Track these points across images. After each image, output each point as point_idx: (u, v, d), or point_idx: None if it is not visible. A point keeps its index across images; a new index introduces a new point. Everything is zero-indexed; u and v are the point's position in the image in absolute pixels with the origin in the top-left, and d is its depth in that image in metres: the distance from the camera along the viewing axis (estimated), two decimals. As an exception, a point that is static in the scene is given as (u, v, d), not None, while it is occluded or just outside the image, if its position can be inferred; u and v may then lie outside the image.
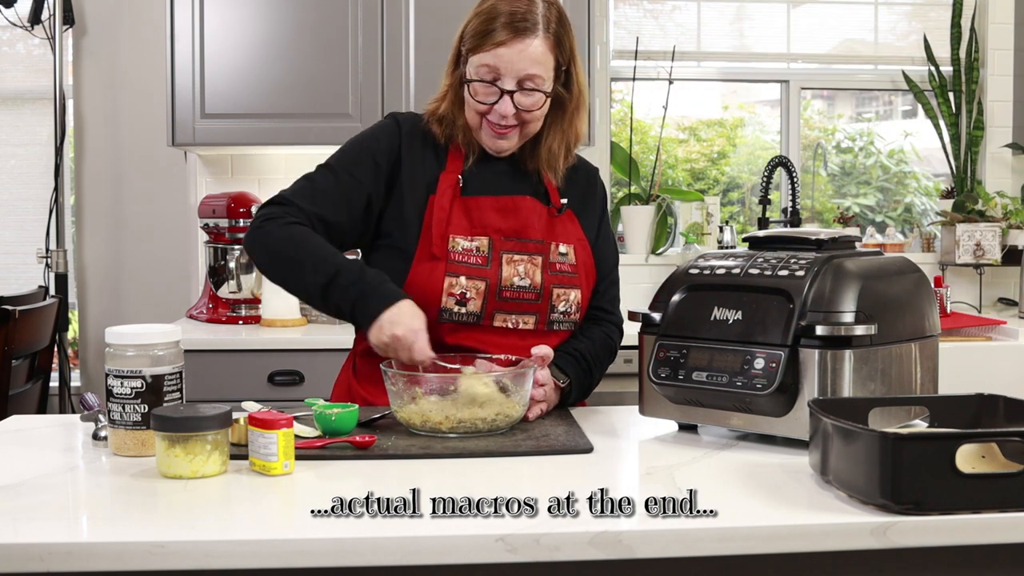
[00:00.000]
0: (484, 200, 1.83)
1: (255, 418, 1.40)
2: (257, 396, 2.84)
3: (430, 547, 1.14)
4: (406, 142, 1.85)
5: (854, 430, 1.24)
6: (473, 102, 1.79)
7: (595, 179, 1.99)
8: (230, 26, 3.23)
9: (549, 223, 1.86)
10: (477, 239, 1.80)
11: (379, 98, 3.25)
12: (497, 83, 1.76)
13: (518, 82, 1.76)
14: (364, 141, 1.86)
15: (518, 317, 1.80)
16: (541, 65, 1.76)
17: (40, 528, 1.18)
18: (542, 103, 1.79)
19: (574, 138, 1.88)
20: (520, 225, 1.83)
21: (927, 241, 3.96)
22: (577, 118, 1.87)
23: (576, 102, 1.85)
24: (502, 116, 1.77)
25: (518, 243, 1.82)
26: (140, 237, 3.80)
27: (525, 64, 1.75)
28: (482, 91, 1.78)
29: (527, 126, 1.81)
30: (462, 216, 1.81)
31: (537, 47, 1.75)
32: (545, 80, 1.78)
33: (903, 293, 1.60)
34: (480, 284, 1.77)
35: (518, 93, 1.77)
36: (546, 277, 1.82)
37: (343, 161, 1.83)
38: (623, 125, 3.89)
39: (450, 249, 1.78)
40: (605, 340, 1.90)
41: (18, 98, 3.88)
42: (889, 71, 4.02)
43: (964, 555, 1.27)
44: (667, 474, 1.41)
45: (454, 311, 1.76)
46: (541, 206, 1.86)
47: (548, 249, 1.84)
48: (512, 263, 1.80)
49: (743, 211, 4.29)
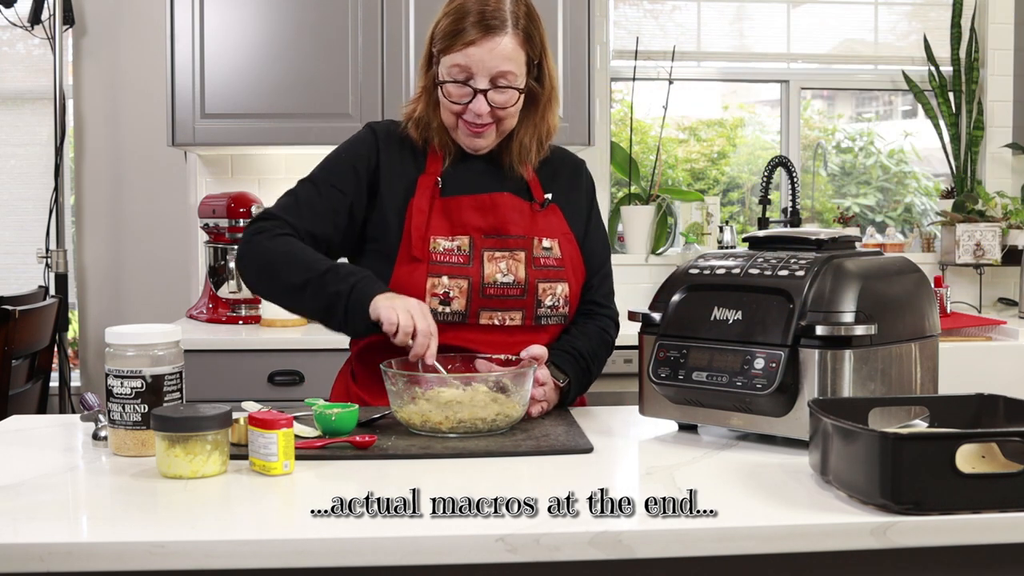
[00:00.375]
0: (463, 200, 1.83)
1: (255, 418, 1.40)
2: (257, 396, 2.84)
3: (430, 547, 1.14)
4: (383, 149, 1.86)
5: (854, 430, 1.24)
6: (448, 103, 1.80)
7: (580, 171, 1.98)
8: (230, 26, 3.23)
9: (531, 218, 1.86)
10: (458, 239, 1.81)
11: (379, 98, 3.25)
12: (470, 83, 1.77)
13: (491, 80, 1.77)
14: (343, 153, 1.88)
15: (504, 314, 1.81)
16: (512, 62, 1.77)
17: (40, 528, 1.18)
18: (516, 99, 1.79)
19: (546, 131, 1.89)
20: (499, 222, 1.83)
21: (927, 241, 3.96)
22: (549, 111, 1.88)
23: (548, 96, 1.87)
24: (477, 115, 1.78)
25: (498, 240, 1.82)
26: (140, 237, 3.80)
27: (497, 62, 1.76)
28: (455, 92, 1.78)
29: (503, 123, 1.82)
30: (442, 217, 1.82)
31: (507, 44, 1.76)
32: (518, 76, 1.78)
33: (903, 293, 1.60)
34: (463, 283, 1.78)
35: (491, 91, 1.77)
36: (530, 272, 1.82)
37: (324, 174, 1.85)
38: (623, 125, 3.89)
39: (431, 250, 1.79)
40: (601, 335, 1.90)
41: (18, 98, 3.88)
42: (889, 71, 4.02)
43: (964, 555, 1.27)
44: (667, 474, 1.41)
45: (439, 311, 1.76)
46: (521, 202, 1.86)
47: (530, 244, 1.84)
48: (494, 260, 1.80)
49: (743, 211, 4.29)
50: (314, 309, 1.74)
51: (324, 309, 1.72)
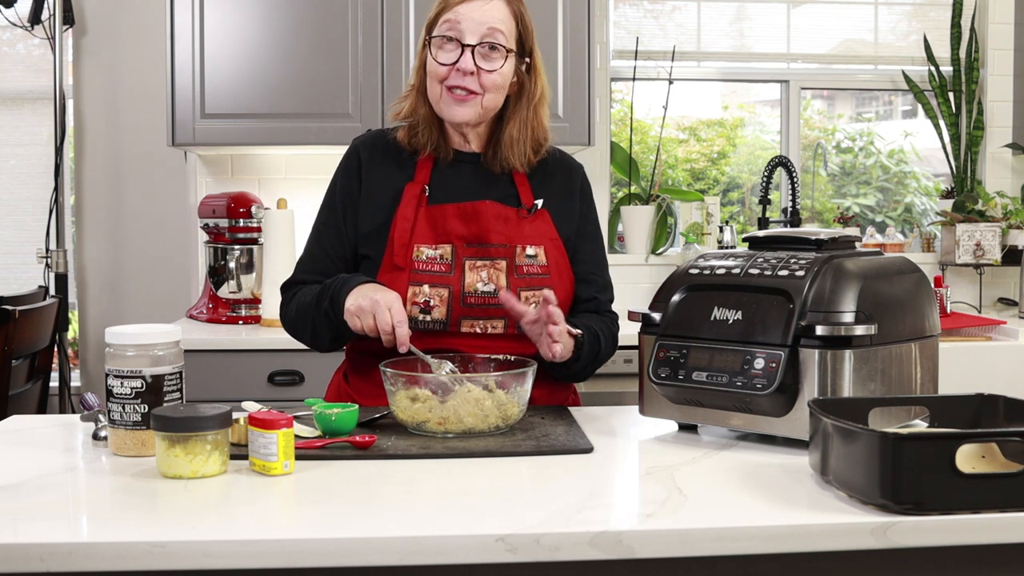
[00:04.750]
0: (448, 208, 1.83)
1: (255, 418, 1.40)
2: (257, 396, 2.84)
3: (430, 547, 1.14)
4: (367, 164, 1.88)
5: (854, 430, 1.24)
6: (435, 65, 1.80)
7: (575, 176, 1.96)
8: (230, 26, 3.23)
9: (516, 225, 1.85)
10: (441, 247, 1.81)
11: (379, 98, 3.25)
12: (458, 39, 1.78)
13: (479, 37, 1.77)
14: (332, 189, 1.92)
15: (486, 322, 1.80)
16: (503, 23, 1.79)
17: (40, 528, 1.18)
18: (502, 63, 1.79)
19: (539, 131, 1.88)
20: (481, 230, 1.82)
21: (927, 241, 3.96)
22: (541, 110, 1.88)
23: (539, 96, 1.87)
24: (463, 74, 1.77)
25: (479, 248, 1.82)
26: (140, 237, 3.80)
27: (486, 18, 1.77)
28: (442, 50, 1.79)
29: (487, 95, 1.80)
30: (426, 225, 1.82)
31: (499, 7, 1.79)
32: (507, 39, 1.79)
33: (903, 293, 1.60)
34: (443, 291, 1.78)
35: (478, 49, 1.77)
36: (512, 281, 1.81)
37: (322, 218, 1.91)
38: (623, 125, 3.89)
39: (414, 259, 1.79)
40: (608, 326, 1.89)
41: (18, 98, 3.88)
42: (889, 71, 4.02)
43: (964, 555, 1.27)
44: (667, 474, 1.41)
45: (419, 319, 1.77)
46: (506, 209, 1.85)
47: (512, 253, 1.83)
48: (475, 269, 1.80)
49: (743, 211, 4.29)
50: (330, 337, 1.82)
51: (329, 331, 1.80)
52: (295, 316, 1.86)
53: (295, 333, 1.89)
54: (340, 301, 1.73)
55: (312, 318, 1.81)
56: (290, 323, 1.89)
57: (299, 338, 1.89)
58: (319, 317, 1.78)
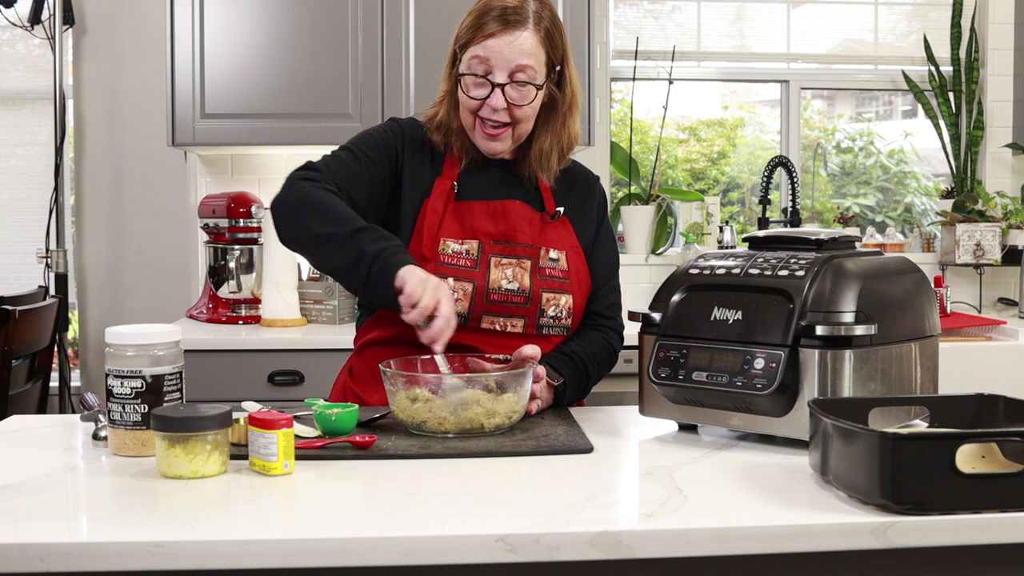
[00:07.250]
0: (476, 205, 1.84)
1: (255, 418, 1.40)
2: (257, 396, 2.84)
3: (430, 547, 1.14)
4: (408, 146, 1.87)
5: (854, 430, 1.24)
6: (465, 98, 1.80)
7: (594, 187, 1.99)
8: (230, 26, 3.23)
9: (540, 228, 1.87)
10: (467, 243, 1.82)
11: (379, 98, 3.25)
12: (488, 76, 1.78)
13: (509, 74, 1.77)
14: (376, 134, 1.87)
15: (506, 320, 1.81)
16: (532, 57, 1.77)
17: (40, 528, 1.18)
18: (533, 96, 1.79)
19: (567, 140, 1.89)
20: (509, 229, 1.84)
21: (927, 241, 3.96)
22: (571, 119, 1.88)
23: (569, 103, 1.87)
24: (493, 110, 1.78)
25: (507, 247, 1.83)
26: (140, 237, 3.80)
27: (515, 55, 1.76)
28: (473, 85, 1.79)
29: (519, 126, 1.82)
30: (454, 220, 1.83)
31: (527, 39, 1.77)
32: (536, 73, 1.79)
33: (903, 293, 1.60)
34: (468, 286, 1.78)
35: (509, 87, 1.78)
36: (535, 281, 1.82)
37: (361, 145, 1.84)
38: (623, 125, 3.89)
39: (440, 252, 1.80)
40: (603, 344, 1.89)
41: (18, 98, 3.88)
42: (889, 71, 4.02)
43: (964, 555, 1.27)
44: (667, 474, 1.41)
45: None
46: (532, 211, 1.87)
47: (537, 254, 1.84)
48: (500, 267, 1.81)
49: (743, 211, 4.29)
50: (338, 263, 1.68)
51: (349, 265, 1.66)
52: (313, 204, 1.69)
53: (294, 213, 1.72)
54: (397, 258, 1.62)
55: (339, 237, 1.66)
56: (297, 202, 1.71)
57: (290, 218, 1.72)
58: (350, 243, 1.65)
